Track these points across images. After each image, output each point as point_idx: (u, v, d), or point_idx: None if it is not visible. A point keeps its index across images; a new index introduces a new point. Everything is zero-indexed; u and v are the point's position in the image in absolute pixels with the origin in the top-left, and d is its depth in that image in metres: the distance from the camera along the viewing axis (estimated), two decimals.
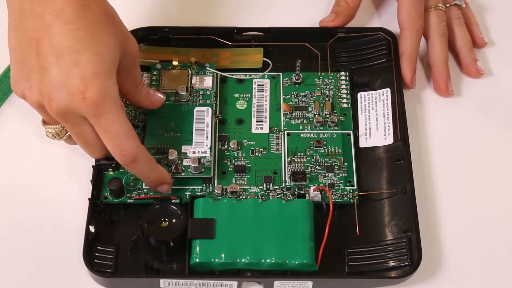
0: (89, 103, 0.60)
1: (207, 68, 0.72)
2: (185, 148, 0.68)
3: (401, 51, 0.74)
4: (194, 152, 0.68)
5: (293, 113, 0.71)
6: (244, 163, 0.69)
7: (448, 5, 0.77)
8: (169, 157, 0.67)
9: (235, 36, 0.75)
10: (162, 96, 0.69)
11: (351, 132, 0.70)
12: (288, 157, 0.69)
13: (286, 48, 0.76)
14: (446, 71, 0.74)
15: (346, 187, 0.67)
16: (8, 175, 0.69)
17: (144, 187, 0.67)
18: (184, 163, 0.67)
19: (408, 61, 0.73)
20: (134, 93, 0.67)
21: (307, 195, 0.67)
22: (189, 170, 0.67)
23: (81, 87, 0.60)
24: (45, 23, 0.60)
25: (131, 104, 0.70)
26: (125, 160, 0.62)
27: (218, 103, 0.71)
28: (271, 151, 0.69)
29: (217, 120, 0.71)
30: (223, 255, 0.62)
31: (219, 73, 0.73)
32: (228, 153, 0.69)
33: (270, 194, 0.67)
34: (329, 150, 0.69)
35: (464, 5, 0.77)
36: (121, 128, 0.61)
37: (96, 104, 0.60)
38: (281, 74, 0.74)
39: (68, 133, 0.65)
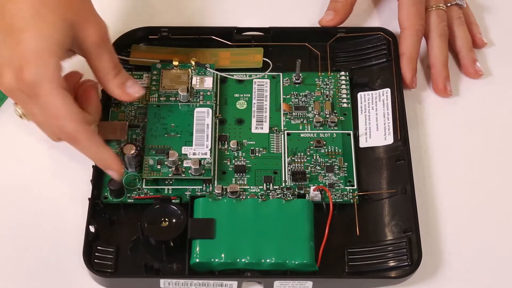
0: (25, 82, 0.60)
1: (207, 68, 0.72)
2: (185, 149, 0.68)
3: (401, 51, 0.74)
4: (194, 154, 0.68)
5: (293, 113, 0.71)
6: (244, 163, 0.69)
7: (449, 5, 0.77)
8: (170, 158, 0.67)
9: (235, 36, 0.75)
10: (141, 90, 0.67)
11: (351, 132, 0.70)
12: (288, 157, 0.69)
13: (286, 48, 0.75)
14: (445, 71, 0.74)
15: (346, 187, 0.67)
16: (8, 175, 0.69)
17: (144, 187, 0.67)
18: (185, 165, 0.67)
19: (408, 62, 0.73)
20: (104, 81, 0.66)
21: (307, 195, 0.67)
22: (189, 171, 0.67)
23: (21, 66, 0.60)
24: (2, 3, 0.62)
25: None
26: (67, 140, 0.63)
27: (218, 103, 0.71)
28: (271, 151, 0.69)
29: (217, 120, 0.71)
30: (223, 255, 0.62)
31: (219, 73, 0.73)
32: (228, 153, 0.69)
33: (270, 194, 0.67)
34: (329, 150, 0.69)
35: (465, 5, 0.77)
36: (58, 109, 0.61)
37: (31, 84, 0.60)
38: (281, 74, 0.74)
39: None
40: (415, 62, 0.73)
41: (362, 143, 0.70)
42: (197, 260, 0.62)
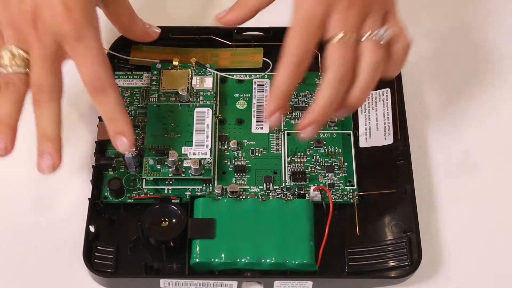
0: (73, 23, 0.60)
1: (207, 68, 0.72)
2: (185, 149, 0.68)
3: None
4: (194, 154, 0.68)
5: (293, 113, 0.71)
6: (244, 163, 0.69)
7: (366, 36, 0.61)
8: (169, 158, 0.67)
9: (235, 36, 0.75)
10: (157, 29, 0.70)
11: (351, 132, 0.70)
12: (288, 157, 0.69)
13: None
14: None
15: (346, 187, 0.67)
16: (7, 175, 0.69)
17: (144, 187, 0.67)
18: (185, 165, 0.67)
19: (272, 94, 0.62)
20: (129, 25, 0.67)
21: (307, 195, 0.67)
22: (189, 171, 0.67)
23: (65, 7, 0.60)
24: None
25: (128, 37, 0.70)
26: (96, 89, 0.61)
27: (218, 103, 0.71)
28: (271, 151, 0.69)
29: (217, 120, 0.71)
30: (223, 255, 0.62)
31: (219, 73, 0.72)
32: (228, 153, 0.69)
33: (270, 194, 0.67)
34: (329, 150, 0.69)
35: (383, 41, 0.61)
36: (98, 55, 0.61)
37: (79, 26, 0.60)
38: None
39: (22, 69, 0.61)
40: (282, 98, 0.62)
41: (362, 143, 0.70)
42: (197, 260, 0.62)
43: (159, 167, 0.67)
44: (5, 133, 0.60)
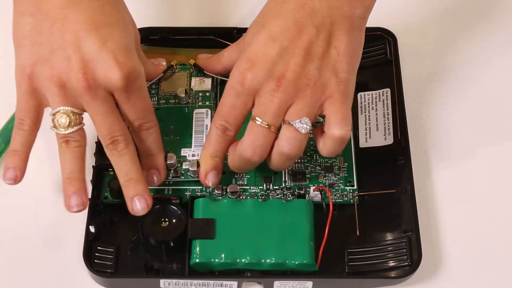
0: (125, 78, 0.60)
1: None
2: (184, 151, 0.68)
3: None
4: (193, 155, 0.68)
5: None
6: None
7: (286, 123, 0.62)
8: (168, 161, 0.66)
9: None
10: (164, 61, 0.71)
11: (351, 132, 0.70)
12: None
13: None
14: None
15: (346, 187, 0.67)
16: None
17: None
18: (184, 167, 0.67)
19: (201, 157, 0.66)
20: (145, 64, 0.68)
21: (307, 195, 0.67)
22: (188, 173, 0.67)
23: (116, 61, 0.60)
24: (70, 0, 0.61)
25: None
26: (141, 130, 0.63)
27: (217, 104, 0.71)
28: None
29: None
30: (223, 255, 0.62)
31: (219, 76, 0.72)
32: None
33: (270, 194, 0.67)
34: None
35: (305, 131, 0.61)
36: (147, 103, 0.63)
37: (130, 79, 0.61)
38: None
39: (79, 126, 0.62)
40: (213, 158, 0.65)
41: (362, 143, 0.70)
42: (197, 260, 0.62)
43: None
44: (80, 188, 0.61)
